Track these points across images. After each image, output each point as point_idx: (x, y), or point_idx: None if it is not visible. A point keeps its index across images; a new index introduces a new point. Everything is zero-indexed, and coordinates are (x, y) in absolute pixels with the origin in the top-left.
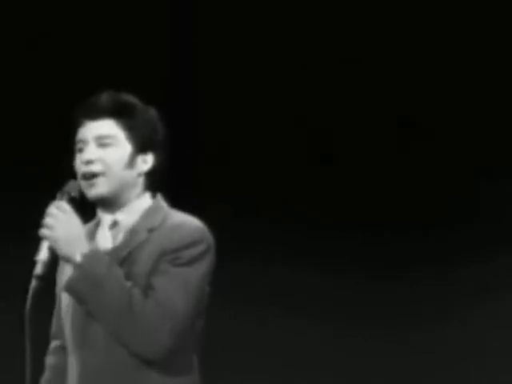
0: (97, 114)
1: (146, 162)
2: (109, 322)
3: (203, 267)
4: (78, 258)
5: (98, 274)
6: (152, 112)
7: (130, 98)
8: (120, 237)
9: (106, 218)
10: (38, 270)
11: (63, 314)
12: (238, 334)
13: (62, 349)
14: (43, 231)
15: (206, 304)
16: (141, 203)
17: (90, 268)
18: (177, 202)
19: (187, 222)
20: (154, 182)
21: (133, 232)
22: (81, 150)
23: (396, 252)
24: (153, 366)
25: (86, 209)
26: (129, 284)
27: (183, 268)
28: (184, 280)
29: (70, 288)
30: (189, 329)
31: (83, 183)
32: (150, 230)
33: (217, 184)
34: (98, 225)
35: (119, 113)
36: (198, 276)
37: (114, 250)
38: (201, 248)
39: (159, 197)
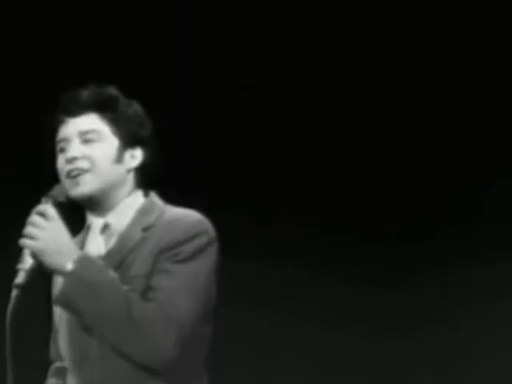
0: (78, 109)
1: (135, 157)
2: (107, 332)
3: (207, 262)
4: (68, 267)
5: (90, 280)
6: (136, 106)
7: (112, 91)
8: (112, 241)
9: (96, 221)
10: (20, 278)
11: (56, 328)
12: (237, 335)
13: (64, 370)
14: (26, 242)
15: (214, 306)
16: (133, 202)
17: (82, 275)
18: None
19: (185, 214)
20: (145, 178)
21: (126, 234)
22: (63, 150)
23: (396, 254)
24: (158, 378)
25: (75, 218)
26: (126, 288)
27: (184, 264)
28: (186, 277)
29: (62, 299)
30: (196, 334)
31: (68, 183)
32: (145, 229)
33: (217, 185)
34: (87, 230)
35: (102, 106)
36: (201, 272)
37: (108, 255)
38: (202, 241)
39: (153, 194)
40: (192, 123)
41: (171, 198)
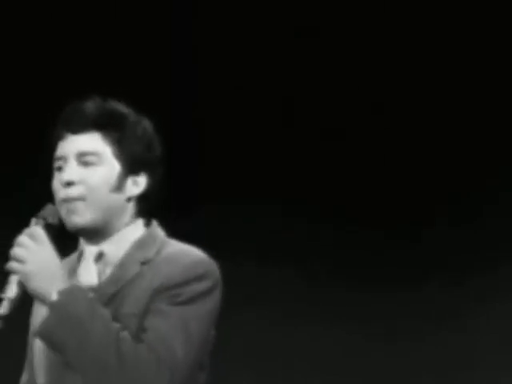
0: (80, 126)
1: (138, 184)
2: (93, 373)
3: (208, 306)
4: (54, 296)
5: (77, 314)
6: (146, 124)
7: (120, 107)
8: (107, 271)
9: (89, 249)
10: (4, 308)
11: (36, 365)
12: (237, 335)
13: None
14: (12, 264)
15: (210, 352)
16: (132, 232)
17: (68, 307)
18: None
19: (188, 252)
20: (147, 207)
21: (122, 265)
22: (60, 169)
23: (396, 254)
24: None
25: (67, 237)
26: (117, 326)
27: (183, 307)
28: (183, 320)
29: (44, 333)
30: (191, 381)
31: (62, 208)
32: (143, 263)
33: (217, 185)
34: (80, 257)
35: (106, 124)
36: (200, 316)
37: (100, 287)
38: (206, 284)
39: (154, 224)
40: (192, 123)
41: (171, 198)
